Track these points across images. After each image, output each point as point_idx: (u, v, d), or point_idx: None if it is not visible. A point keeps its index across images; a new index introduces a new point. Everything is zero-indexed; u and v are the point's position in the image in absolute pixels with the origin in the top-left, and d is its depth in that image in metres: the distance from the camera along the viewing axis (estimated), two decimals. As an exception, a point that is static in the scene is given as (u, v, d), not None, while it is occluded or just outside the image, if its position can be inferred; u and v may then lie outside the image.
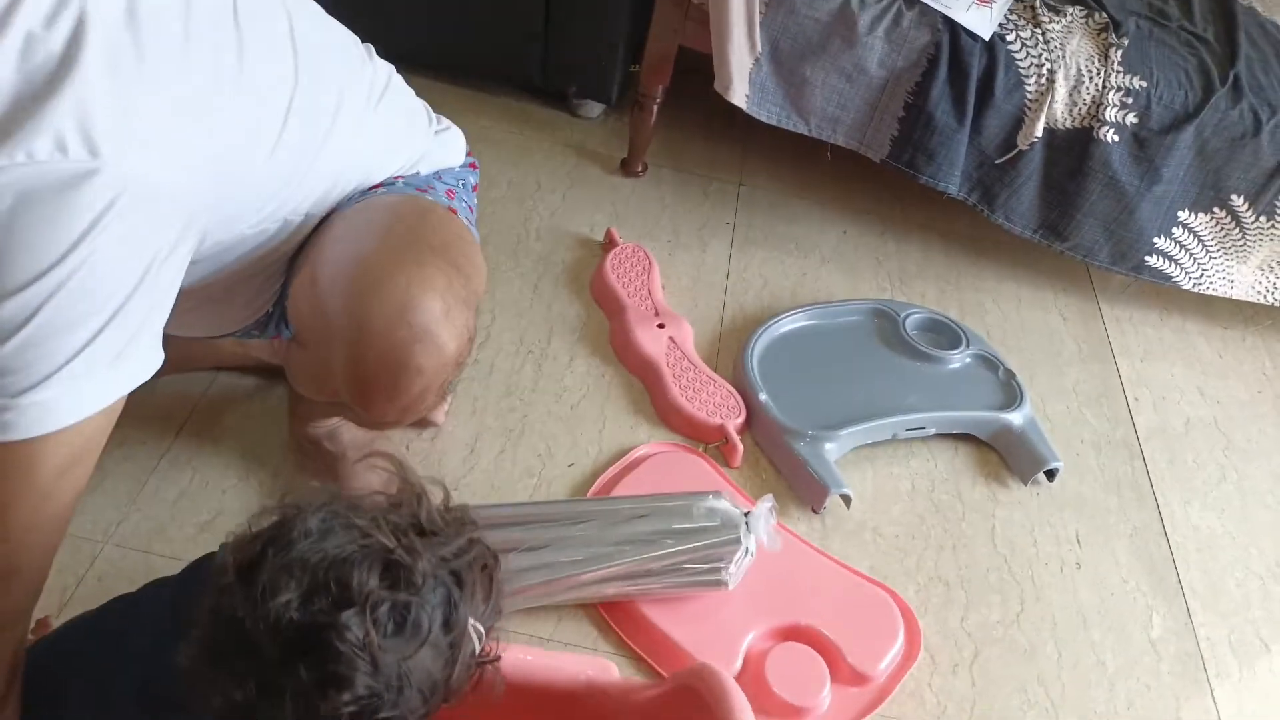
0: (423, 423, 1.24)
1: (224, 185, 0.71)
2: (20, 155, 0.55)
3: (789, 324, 1.43)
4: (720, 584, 1.07)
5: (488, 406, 1.29)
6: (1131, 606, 1.22)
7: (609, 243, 1.51)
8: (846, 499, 1.22)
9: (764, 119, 1.47)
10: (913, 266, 1.62)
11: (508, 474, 1.22)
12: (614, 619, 1.09)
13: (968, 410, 1.35)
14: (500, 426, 1.27)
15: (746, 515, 1.09)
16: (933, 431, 1.34)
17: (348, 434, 1.15)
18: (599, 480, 1.22)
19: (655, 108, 1.58)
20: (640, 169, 1.67)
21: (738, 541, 1.06)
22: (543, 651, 0.87)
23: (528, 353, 1.37)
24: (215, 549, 0.66)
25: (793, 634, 1.10)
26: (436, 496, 0.69)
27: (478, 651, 0.64)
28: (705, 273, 1.53)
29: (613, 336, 1.40)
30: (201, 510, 1.14)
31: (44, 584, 0.72)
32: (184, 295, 0.90)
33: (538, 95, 1.76)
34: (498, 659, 0.68)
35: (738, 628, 1.09)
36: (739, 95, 1.43)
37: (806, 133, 1.48)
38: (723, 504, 1.08)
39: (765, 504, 1.09)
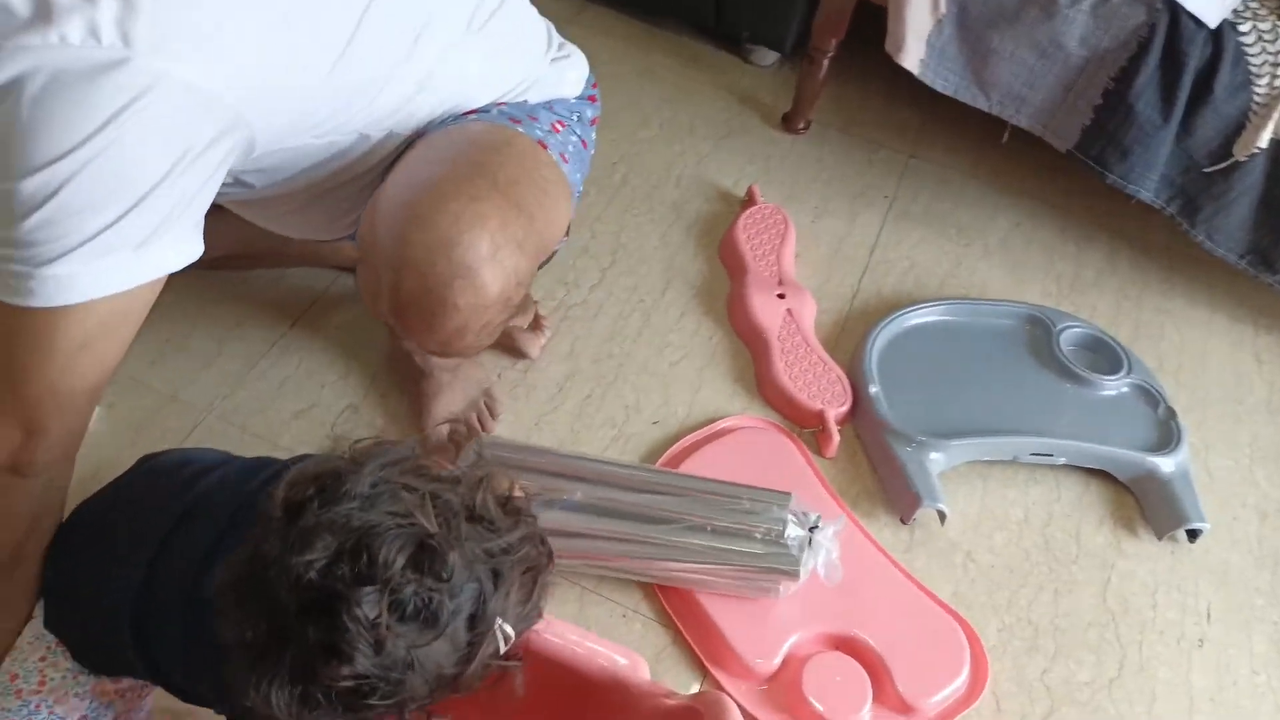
0: (516, 353, 1.26)
1: (275, 94, 0.73)
2: (54, 37, 0.59)
3: (925, 316, 1.34)
4: (770, 594, 1.05)
5: (586, 349, 1.30)
6: (1256, 704, 1.09)
7: (748, 200, 1.47)
8: (941, 515, 1.15)
9: (938, 87, 1.37)
10: (1090, 274, 1.48)
11: (589, 420, 1.22)
12: (661, 589, 1.08)
13: (1110, 445, 1.23)
14: (594, 371, 1.27)
15: (813, 531, 1.05)
16: (1063, 461, 1.23)
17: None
18: (680, 443, 1.21)
19: (826, 62, 1.51)
20: (802, 126, 1.60)
21: (793, 569, 1.02)
22: (580, 632, 0.85)
23: (639, 301, 1.36)
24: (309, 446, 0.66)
25: (843, 644, 1.06)
26: (503, 484, 0.68)
27: (501, 652, 0.63)
28: (847, 246, 1.46)
29: (730, 299, 1.36)
30: (300, 399, 1.22)
31: (74, 452, 0.78)
32: (275, 200, 0.95)
33: (712, 37, 1.72)
34: (520, 661, 0.65)
35: (785, 624, 1.05)
36: (912, 59, 1.34)
37: (986, 108, 1.37)
38: (789, 517, 1.04)
39: (832, 527, 1.05)
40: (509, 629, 0.62)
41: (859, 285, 1.41)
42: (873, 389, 1.24)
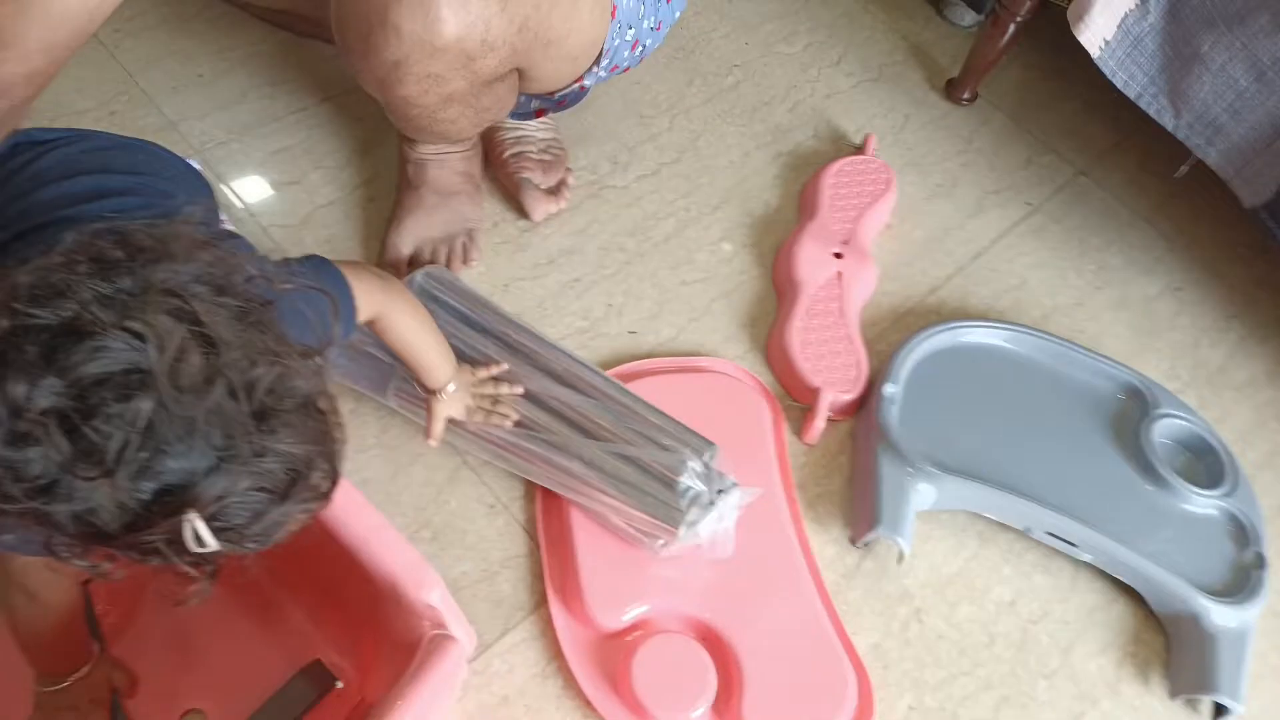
0: (521, 210, 1.17)
1: None
2: None
3: (996, 337, 1.14)
4: (646, 545, 0.91)
5: (599, 234, 1.19)
6: None
7: (859, 149, 1.31)
8: (900, 553, 0.97)
9: (1118, 83, 1.15)
10: (1240, 375, 1.22)
11: (563, 303, 1.12)
12: (542, 498, 0.97)
13: (1161, 565, 1.00)
14: (595, 258, 1.16)
15: (719, 494, 0.90)
16: (1088, 559, 1.02)
17: (434, 172, 1.11)
18: (644, 363, 1.08)
19: (1013, 27, 1.31)
20: (966, 96, 1.41)
21: (673, 523, 0.89)
22: (386, 527, 0.75)
23: (683, 208, 1.23)
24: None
25: (707, 637, 0.91)
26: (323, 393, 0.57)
27: (189, 550, 0.50)
28: (953, 239, 1.27)
29: (783, 242, 1.21)
30: (288, 173, 1.20)
31: (41, 80, 0.73)
32: None
33: (913, -23, 1.55)
34: (207, 578, 0.54)
35: (648, 586, 0.92)
36: (1094, 36, 1.13)
37: (1169, 126, 1.15)
38: (696, 467, 0.90)
39: (738, 495, 0.90)
40: (205, 534, 0.50)
41: (944, 282, 1.22)
42: (889, 389, 1.06)
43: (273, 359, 0.52)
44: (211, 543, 0.51)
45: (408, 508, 0.95)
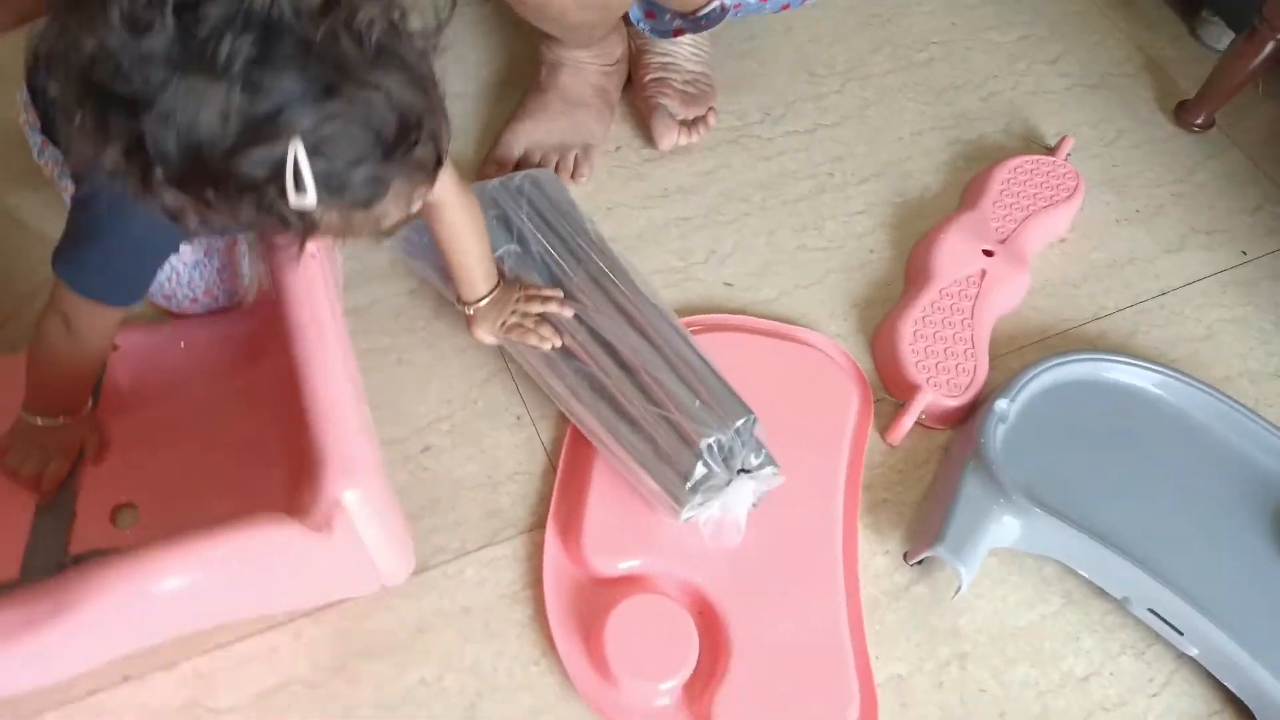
0: (650, 140, 1.12)
1: None
2: None
3: (1146, 380, 0.98)
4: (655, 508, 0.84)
5: (726, 179, 1.12)
6: None
7: (1051, 149, 1.18)
8: (958, 583, 0.84)
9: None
10: None
11: (663, 239, 1.06)
12: (573, 428, 0.91)
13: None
14: (713, 201, 1.10)
15: (741, 472, 0.82)
16: (1195, 653, 0.85)
17: (566, 79, 1.09)
18: (730, 318, 1.01)
19: (1270, 47, 1.14)
20: (1199, 122, 1.24)
21: (676, 503, 0.81)
22: (349, 406, 0.70)
23: (827, 173, 1.15)
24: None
25: (700, 612, 0.82)
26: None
27: (283, 195, 0.54)
28: (1136, 269, 1.11)
29: (930, 229, 1.10)
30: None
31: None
32: None
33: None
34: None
35: (651, 543, 0.85)
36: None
37: None
38: (721, 439, 0.81)
39: (765, 480, 0.82)
40: (305, 167, 0.53)
41: (1112, 313, 1.07)
42: (1002, 403, 0.93)
43: (392, 9, 0.56)
44: (310, 185, 0.53)
45: (435, 398, 0.93)
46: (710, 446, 0.80)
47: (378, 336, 0.95)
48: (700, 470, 0.79)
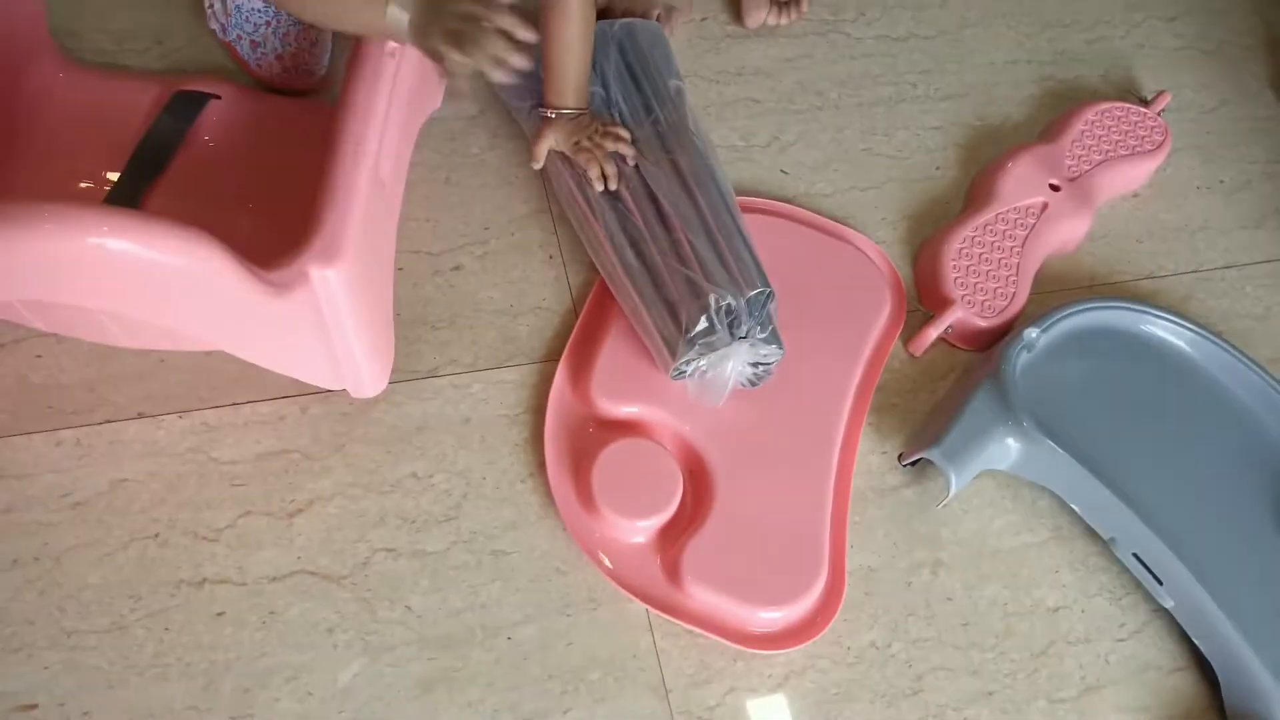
0: (739, 18, 1.13)
1: None
2: None
3: (1181, 339, 0.98)
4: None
5: (806, 69, 1.13)
6: None
7: (1147, 101, 1.16)
8: (946, 490, 0.86)
9: None
10: None
11: (731, 116, 1.08)
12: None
13: (1252, 647, 0.83)
14: (788, 89, 1.12)
15: (741, 339, 0.84)
16: (1169, 605, 0.86)
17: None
18: (779, 204, 1.03)
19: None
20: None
21: (671, 359, 0.84)
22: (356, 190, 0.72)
23: (909, 84, 1.16)
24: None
25: (691, 468, 0.86)
26: None
27: None
28: (1207, 239, 1.10)
29: (1003, 156, 1.10)
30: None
31: None
32: None
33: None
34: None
35: (660, 392, 0.88)
36: None
37: None
38: (727, 304, 0.83)
39: (764, 354, 0.84)
40: None
41: (1170, 275, 1.07)
42: (1031, 332, 0.94)
43: None
44: None
45: (475, 222, 0.96)
46: (717, 304, 0.82)
47: (430, 154, 0.99)
48: (702, 323, 0.81)
